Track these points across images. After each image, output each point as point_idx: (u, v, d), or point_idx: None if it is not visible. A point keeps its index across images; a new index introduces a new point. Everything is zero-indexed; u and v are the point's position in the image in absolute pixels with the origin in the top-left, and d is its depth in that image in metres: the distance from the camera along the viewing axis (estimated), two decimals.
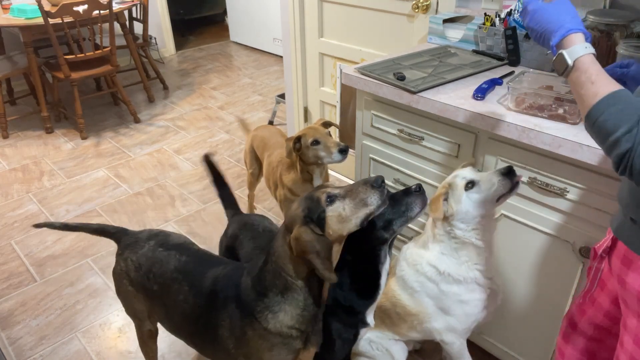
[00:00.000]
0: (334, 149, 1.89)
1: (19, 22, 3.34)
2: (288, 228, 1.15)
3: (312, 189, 1.20)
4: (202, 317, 1.32)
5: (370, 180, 1.14)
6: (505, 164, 1.44)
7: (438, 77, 1.62)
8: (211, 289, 1.31)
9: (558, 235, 1.40)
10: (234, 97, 4.51)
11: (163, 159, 3.47)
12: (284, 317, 1.19)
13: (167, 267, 1.39)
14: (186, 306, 1.34)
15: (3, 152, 3.58)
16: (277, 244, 1.18)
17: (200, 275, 1.35)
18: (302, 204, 1.14)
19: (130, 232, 1.56)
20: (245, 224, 1.68)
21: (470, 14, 2.00)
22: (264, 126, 2.54)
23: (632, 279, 0.94)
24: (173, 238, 1.50)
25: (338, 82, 2.79)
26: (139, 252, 1.45)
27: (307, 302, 1.19)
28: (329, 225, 1.12)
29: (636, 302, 0.94)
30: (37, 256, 2.53)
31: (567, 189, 1.33)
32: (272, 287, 1.19)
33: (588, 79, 0.87)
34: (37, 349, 2.02)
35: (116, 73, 3.86)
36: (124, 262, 1.48)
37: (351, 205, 1.12)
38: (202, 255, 1.43)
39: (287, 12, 2.88)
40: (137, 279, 1.44)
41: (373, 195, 1.13)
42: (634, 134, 0.77)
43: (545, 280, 1.50)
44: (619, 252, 0.98)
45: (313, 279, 1.16)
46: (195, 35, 6.48)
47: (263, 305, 1.20)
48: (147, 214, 2.85)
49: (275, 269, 1.17)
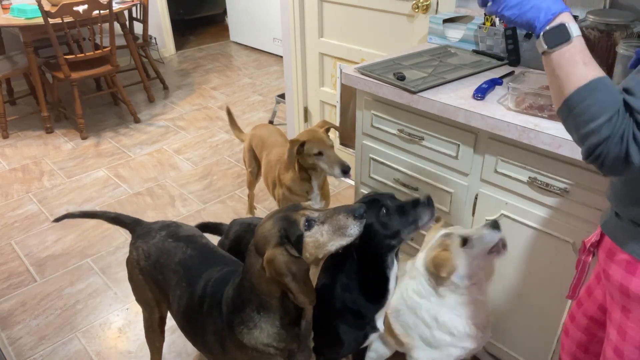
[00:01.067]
0: (337, 168, 1.90)
1: (19, 22, 3.34)
2: (258, 248, 1.11)
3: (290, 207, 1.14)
4: (193, 319, 1.33)
5: (353, 210, 1.10)
6: (505, 164, 1.44)
7: (438, 77, 1.62)
8: (202, 293, 1.31)
9: (558, 235, 1.40)
10: (234, 97, 4.51)
11: (163, 159, 3.47)
12: (259, 334, 1.17)
13: (172, 258, 1.41)
14: (182, 303, 1.35)
15: (3, 152, 3.58)
16: (250, 263, 1.14)
17: (197, 274, 1.35)
18: (278, 224, 1.09)
19: (144, 223, 1.59)
20: (249, 225, 1.67)
21: (470, 14, 2.00)
22: (263, 125, 2.54)
23: (614, 271, 0.96)
24: (184, 229, 1.52)
25: (338, 82, 2.79)
26: (150, 242, 1.48)
27: (283, 321, 1.16)
28: (306, 249, 1.08)
29: (618, 294, 0.96)
30: (37, 256, 2.53)
31: (567, 189, 1.33)
32: (249, 303, 1.16)
33: (581, 59, 0.82)
34: (37, 349, 2.02)
35: (116, 73, 3.86)
36: (136, 251, 1.50)
37: (330, 233, 1.09)
38: (207, 251, 1.44)
39: (287, 12, 2.88)
40: (146, 267, 1.46)
41: (353, 227, 1.09)
42: (614, 122, 0.76)
43: (545, 280, 1.50)
44: (605, 245, 1.01)
45: (287, 299, 1.11)
46: (195, 35, 6.48)
47: (239, 319, 1.18)
48: (147, 214, 2.85)
49: (250, 286, 1.15)
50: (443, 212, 1.70)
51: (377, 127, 1.80)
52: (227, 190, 3.07)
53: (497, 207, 1.51)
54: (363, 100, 1.81)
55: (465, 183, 1.59)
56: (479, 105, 1.44)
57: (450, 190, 1.64)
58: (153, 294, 1.52)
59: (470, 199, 1.59)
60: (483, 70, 1.68)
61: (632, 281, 0.92)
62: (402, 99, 1.59)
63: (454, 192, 1.63)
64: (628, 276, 0.93)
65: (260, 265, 1.09)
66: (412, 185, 1.76)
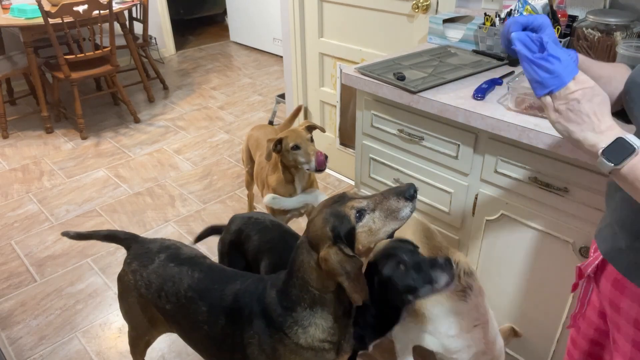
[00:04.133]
0: (313, 157, 1.90)
1: (19, 22, 3.34)
2: (313, 245, 1.09)
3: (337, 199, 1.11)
4: (227, 338, 1.25)
5: (402, 191, 1.06)
6: (505, 163, 1.44)
7: (438, 77, 1.62)
8: (233, 307, 1.24)
9: (558, 235, 1.40)
10: (234, 97, 4.51)
11: (163, 159, 3.47)
12: (315, 331, 1.14)
13: (180, 285, 1.33)
14: (207, 327, 1.28)
15: (3, 152, 3.58)
16: (301, 259, 1.12)
17: (219, 292, 1.28)
18: (329, 222, 1.06)
19: (140, 240, 1.49)
20: (250, 219, 1.68)
21: (470, 14, 2.00)
22: (260, 126, 2.55)
23: (627, 305, 0.90)
24: (184, 251, 1.44)
25: (338, 82, 2.79)
26: (149, 267, 1.39)
27: (338, 313, 1.14)
28: (359, 241, 1.06)
29: (632, 329, 0.91)
30: (37, 256, 2.53)
31: (567, 189, 1.33)
32: (300, 302, 1.13)
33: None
34: (37, 349, 2.02)
35: (116, 73, 3.86)
36: (133, 275, 1.42)
37: (382, 218, 1.05)
38: (215, 270, 1.37)
39: (287, 12, 2.88)
40: (149, 296, 1.38)
41: (405, 208, 1.05)
42: None
43: (545, 280, 1.50)
44: (610, 274, 0.94)
45: (343, 291, 1.09)
46: (195, 35, 6.48)
47: (292, 320, 1.15)
48: (147, 214, 2.85)
49: (302, 284, 1.12)
50: (443, 212, 1.70)
51: (377, 127, 1.80)
52: (227, 190, 3.07)
53: (497, 207, 1.52)
54: (363, 100, 1.81)
55: (465, 183, 1.59)
56: (479, 105, 1.44)
57: (450, 190, 1.64)
58: (148, 321, 1.45)
59: (470, 199, 1.59)
60: (483, 70, 1.68)
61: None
62: (402, 99, 1.59)
63: (454, 192, 1.63)
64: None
65: (316, 261, 1.08)
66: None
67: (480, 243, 1.62)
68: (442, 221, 1.72)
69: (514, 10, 1.71)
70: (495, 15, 1.77)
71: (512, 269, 1.57)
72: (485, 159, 1.49)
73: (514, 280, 1.58)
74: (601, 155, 0.75)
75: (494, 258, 1.61)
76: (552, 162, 1.33)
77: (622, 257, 0.90)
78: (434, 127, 1.60)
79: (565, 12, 1.65)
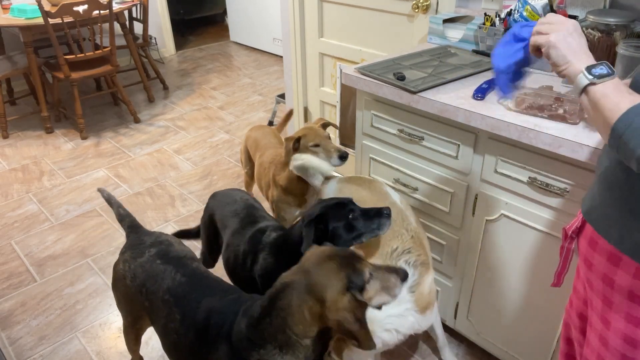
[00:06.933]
0: (335, 154, 1.90)
1: (19, 22, 3.34)
2: (314, 289, 1.07)
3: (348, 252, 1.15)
4: (195, 354, 1.24)
5: (402, 274, 1.15)
6: (505, 164, 1.44)
7: (438, 77, 1.62)
8: (204, 324, 1.23)
9: (558, 235, 1.40)
10: (234, 97, 4.51)
11: (163, 159, 3.47)
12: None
13: (160, 285, 1.33)
14: (176, 337, 1.27)
15: (3, 152, 3.58)
16: (289, 300, 1.09)
17: (195, 304, 1.27)
18: (343, 270, 1.07)
19: (140, 231, 1.53)
20: (223, 195, 1.87)
21: (470, 14, 2.00)
22: (259, 126, 2.55)
23: (597, 261, 0.96)
24: (174, 250, 1.44)
25: (338, 82, 2.79)
26: (138, 260, 1.40)
27: (308, 358, 1.13)
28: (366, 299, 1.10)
29: (601, 284, 0.96)
30: (37, 256, 2.53)
31: (567, 189, 1.33)
32: (272, 340, 1.11)
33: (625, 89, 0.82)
34: (37, 349, 2.02)
35: (116, 73, 3.86)
36: (123, 265, 1.44)
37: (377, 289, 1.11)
38: (198, 276, 1.35)
39: (287, 12, 2.88)
40: (132, 289, 1.40)
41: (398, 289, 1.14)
42: None
43: (544, 280, 1.50)
44: (587, 233, 1.00)
45: (324, 335, 1.09)
46: (195, 35, 6.48)
47: (257, 356, 1.12)
48: (147, 214, 2.85)
49: (280, 324, 1.10)
50: (443, 212, 1.70)
51: (377, 127, 1.80)
52: None
53: (497, 207, 1.52)
54: (363, 100, 1.81)
55: (465, 183, 1.59)
56: (479, 105, 1.44)
57: (450, 190, 1.64)
58: (136, 310, 1.46)
59: (470, 199, 1.59)
60: (483, 70, 1.68)
61: (617, 273, 0.91)
62: (402, 99, 1.59)
63: (454, 192, 1.63)
64: (612, 268, 0.92)
65: (309, 307, 1.06)
66: (412, 185, 1.76)
67: (480, 243, 1.62)
68: (442, 221, 1.72)
69: (514, 10, 1.71)
70: (495, 15, 1.77)
71: (512, 269, 1.57)
72: (485, 159, 1.49)
73: (514, 280, 1.58)
74: (585, 70, 0.85)
75: (494, 258, 1.61)
76: (552, 162, 1.33)
77: (596, 213, 0.96)
78: (434, 127, 1.60)
79: (565, 12, 1.65)
